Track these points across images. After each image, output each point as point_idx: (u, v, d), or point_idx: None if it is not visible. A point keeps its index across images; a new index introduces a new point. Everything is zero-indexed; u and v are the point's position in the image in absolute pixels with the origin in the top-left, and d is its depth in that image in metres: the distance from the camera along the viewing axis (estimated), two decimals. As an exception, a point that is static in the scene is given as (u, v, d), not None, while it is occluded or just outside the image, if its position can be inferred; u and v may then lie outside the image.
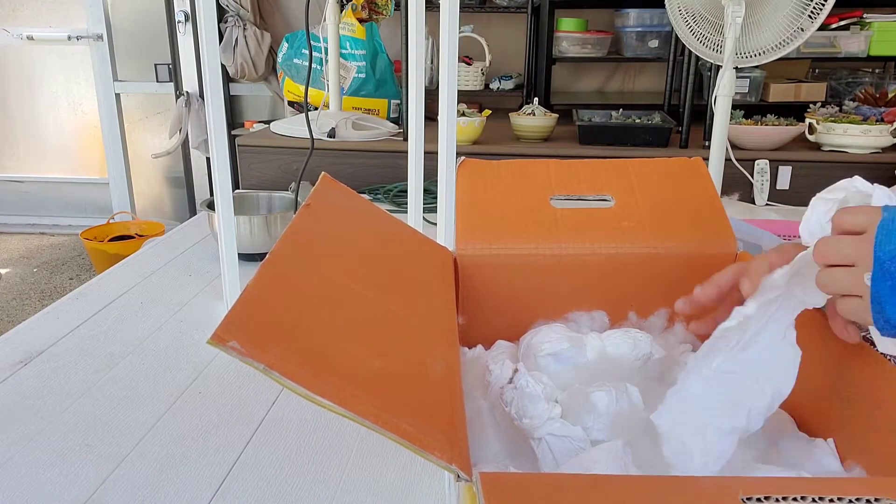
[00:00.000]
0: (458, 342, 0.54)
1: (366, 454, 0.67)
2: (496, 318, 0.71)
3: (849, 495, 0.29)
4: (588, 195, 0.74)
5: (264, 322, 0.39)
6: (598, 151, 1.87)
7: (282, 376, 0.35)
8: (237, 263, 0.92)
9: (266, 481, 0.64)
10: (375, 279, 0.54)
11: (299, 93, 2.38)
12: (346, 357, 0.41)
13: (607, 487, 0.34)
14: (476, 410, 0.57)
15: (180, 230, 1.39)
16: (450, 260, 0.69)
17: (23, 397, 0.77)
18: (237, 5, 2.96)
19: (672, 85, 2.32)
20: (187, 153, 3.46)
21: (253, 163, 1.90)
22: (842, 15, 2.30)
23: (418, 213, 1.07)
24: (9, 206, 3.81)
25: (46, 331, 0.93)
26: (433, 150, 0.97)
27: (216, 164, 0.86)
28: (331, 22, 1.94)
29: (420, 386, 0.43)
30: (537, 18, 2.63)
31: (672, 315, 0.70)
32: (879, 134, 1.73)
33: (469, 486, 0.35)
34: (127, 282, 1.10)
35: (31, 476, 0.64)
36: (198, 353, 0.87)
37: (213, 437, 0.70)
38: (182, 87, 3.33)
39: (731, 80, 1.28)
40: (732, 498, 0.29)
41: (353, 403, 0.35)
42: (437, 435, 0.37)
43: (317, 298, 0.46)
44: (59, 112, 3.66)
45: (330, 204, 0.60)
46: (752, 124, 1.81)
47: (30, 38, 3.51)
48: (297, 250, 0.49)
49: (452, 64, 0.91)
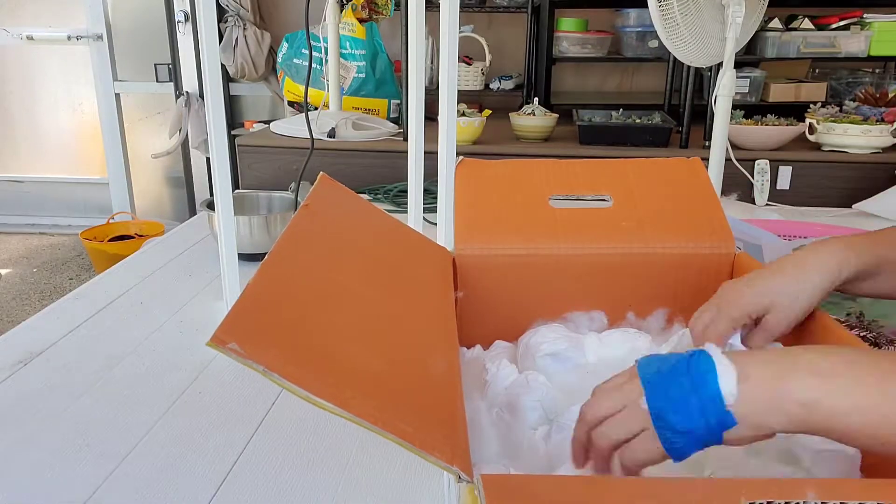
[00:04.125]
0: (458, 342, 0.54)
1: (366, 455, 0.67)
2: (495, 318, 0.71)
3: (852, 499, 0.29)
4: (587, 195, 0.74)
5: (263, 323, 0.39)
6: (598, 151, 1.87)
7: (281, 378, 0.35)
8: (237, 263, 0.92)
9: (266, 481, 0.64)
10: (375, 280, 0.54)
11: (299, 93, 2.37)
12: (345, 358, 0.41)
13: (608, 489, 0.34)
14: (474, 411, 0.57)
15: (180, 230, 1.39)
16: (449, 260, 0.68)
17: (23, 397, 0.77)
18: (237, 5, 2.95)
19: (672, 85, 2.32)
20: (187, 153, 3.46)
21: (253, 163, 1.90)
22: (842, 15, 2.30)
23: (418, 213, 1.07)
24: (9, 206, 3.81)
25: (46, 331, 0.92)
26: (433, 150, 0.97)
27: (216, 164, 0.86)
28: (331, 22, 1.94)
29: (420, 386, 0.43)
30: (537, 18, 2.63)
31: (670, 315, 0.70)
32: (880, 134, 1.73)
33: (470, 486, 0.35)
34: (127, 282, 1.10)
35: (31, 476, 0.64)
36: (198, 353, 0.87)
37: (213, 437, 0.70)
38: (182, 87, 3.33)
39: (731, 80, 1.28)
40: (735, 501, 0.29)
41: (352, 405, 0.35)
42: (438, 436, 0.37)
43: (316, 299, 0.46)
44: (59, 112, 3.66)
45: (329, 204, 0.60)
46: (753, 124, 1.81)
47: (30, 38, 3.50)
48: (296, 251, 0.49)
49: (452, 64, 0.91)
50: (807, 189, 1.79)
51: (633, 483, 0.38)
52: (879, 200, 1.55)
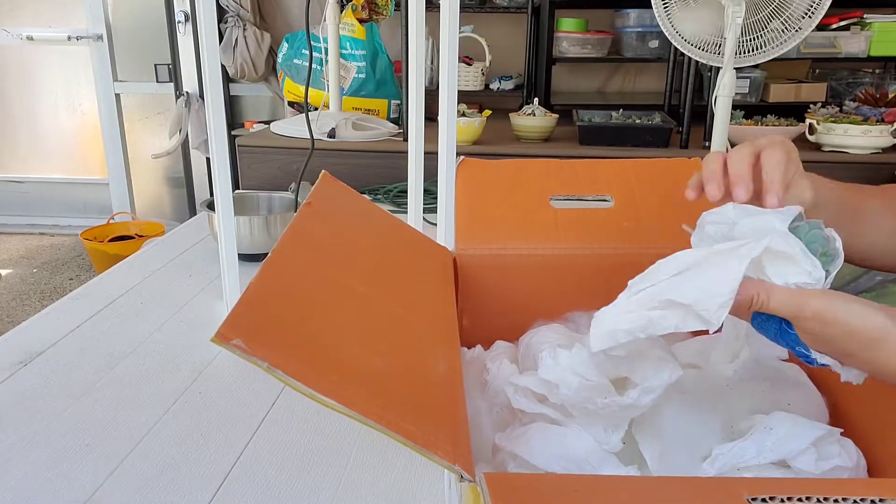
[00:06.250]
0: (459, 342, 0.54)
1: (366, 455, 0.67)
2: (496, 318, 0.71)
3: (854, 496, 0.29)
4: (588, 195, 0.74)
5: (267, 320, 0.39)
6: (598, 152, 1.87)
7: (285, 374, 0.35)
8: (237, 264, 0.92)
9: (266, 482, 0.64)
10: (376, 279, 0.54)
11: (299, 93, 2.37)
12: (348, 356, 0.41)
13: (611, 488, 0.34)
14: (475, 410, 0.56)
15: (180, 230, 1.39)
16: (450, 260, 0.68)
17: (23, 397, 0.77)
18: (237, 5, 2.95)
19: (672, 85, 2.32)
20: (187, 153, 3.46)
21: (253, 163, 1.90)
22: (842, 15, 2.30)
23: (418, 213, 1.07)
24: (9, 206, 3.81)
25: (46, 331, 0.92)
26: (433, 150, 0.97)
27: (216, 164, 0.86)
28: (331, 22, 1.94)
29: (421, 386, 0.43)
30: (537, 18, 2.63)
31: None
32: (880, 134, 1.73)
33: (472, 486, 0.35)
34: (127, 282, 1.10)
35: (31, 476, 0.64)
36: (198, 353, 0.87)
37: (213, 437, 0.70)
38: (182, 87, 3.33)
39: (731, 81, 1.28)
40: (737, 498, 0.29)
41: (356, 402, 0.35)
42: (440, 435, 0.37)
43: (319, 297, 0.46)
44: (59, 112, 3.66)
45: (331, 202, 0.60)
46: (753, 125, 1.81)
47: (30, 38, 3.50)
48: (298, 249, 0.49)
49: (452, 64, 0.91)
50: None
51: (637, 481, 0.38)
52: (879, 201, 1.55)
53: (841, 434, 0.48)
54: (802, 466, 0.44)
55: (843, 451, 0.47)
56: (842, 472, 0.46)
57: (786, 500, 0.29)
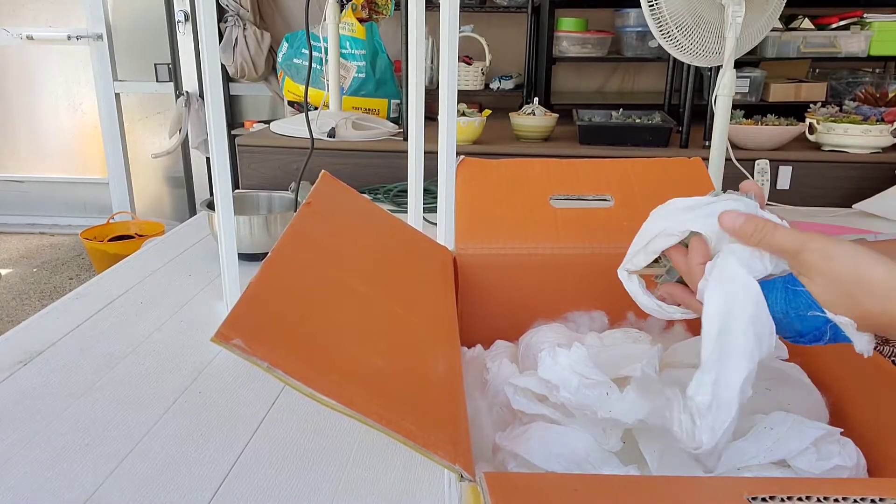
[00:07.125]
0: (459, 342, 0.54)
1: (366, 454, 0.67)
2: (495, 317, 0.71)
3: (853, 495, 0.29)
4: (588, 195, 0.74)
5: (267, 320, 0.39)
6: (598, 151, 1.87)
7: (284, 374, 0.35)
8: (237, 263, 0.92)
9: (266, 481, 0.64)
10: (376, 278, 0.54)
11: (299, 93, 2.37)
12: (348, 356, 0.41)
13: (612, 487, 0.34)
14: (475, 410, 0.56)
15: (180, 230, 1.39)
16: (450, 259, 0.68)
17: (23, 397, 0.77)
18: (237, 5, 2.95)
19: (672, 85, 2.32)
20: (187, 153, 3.46)
21: (253, 163, 1.90)
22: (842, 15, 2.30)
23: (418, 213, 1.07)
24: (9, 206, 3.81)
25: (46, 331, 0.92)
26: (433, 150, 0.97)
27: (216, 164, 0.86)
28: (331, 22, 1.94)
29: (422, 385, 0.43)
30: (537, 18, 2.63)
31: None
32: (880, 134, 1.73)
33: (472, 486, 0.35)
34: (127, 282, 1.10)
35: (31, 476, 0.64)
36: (198, 353, 0.87)
37: (213, 436, 0.70)
38: (182, 87, 3.33)
39: (731, 80, 1.28)
40: (738, 497, 0.29)
41: (356, 402, 0.35)
42: (440, 434, 0.37)
43: (319, 297, 0.46)
44: (59, 112, 3.66)
45: (331, 202, 0.60)
46: (753, 124, 1.81)
47: (30, 38, 3.50)
48: (298, 249, 0.49)
49: (452, 64, 0.91)
50: (807, 189, 1.79)
51: (637, 481, 0.37)
52: (879, 200, 1.55)
53: (841, 434, 0.48)
54: (802, 466, 0.44)
55: (843, 451, 0.47)
56: (841, 472, 0.46)
57: (786, 500, 0.29)
